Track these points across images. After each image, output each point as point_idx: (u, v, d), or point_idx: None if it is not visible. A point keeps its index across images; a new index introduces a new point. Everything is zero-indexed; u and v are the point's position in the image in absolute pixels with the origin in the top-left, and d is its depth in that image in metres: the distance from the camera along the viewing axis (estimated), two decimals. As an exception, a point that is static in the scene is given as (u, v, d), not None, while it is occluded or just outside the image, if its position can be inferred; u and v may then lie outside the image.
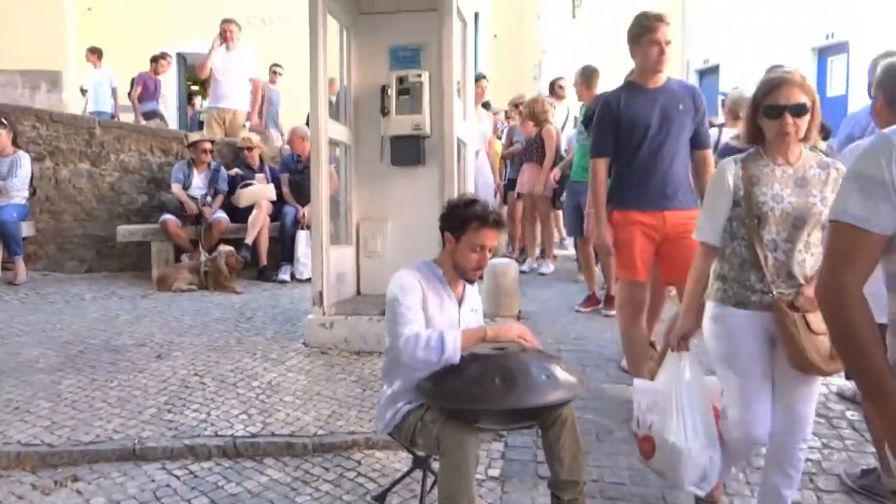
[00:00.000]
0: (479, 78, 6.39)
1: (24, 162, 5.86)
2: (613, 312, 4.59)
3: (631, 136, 3.13)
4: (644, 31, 3.11)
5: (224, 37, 7.10)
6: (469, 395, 2.01)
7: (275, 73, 9.06)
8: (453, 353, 2.09)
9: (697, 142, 3.23)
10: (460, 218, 2.32)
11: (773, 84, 2.15)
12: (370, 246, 4.77)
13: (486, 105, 7.49)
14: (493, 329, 2.31)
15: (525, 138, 6.50)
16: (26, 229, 5.98)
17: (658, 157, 3.11)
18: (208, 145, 6.24)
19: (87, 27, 12.98)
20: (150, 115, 8.73)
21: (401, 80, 4.56)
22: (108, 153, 6.46)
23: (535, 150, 6.26)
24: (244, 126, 7.65)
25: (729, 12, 12.58)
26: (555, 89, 7.06)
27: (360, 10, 4.75)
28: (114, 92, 9.37)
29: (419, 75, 4.53)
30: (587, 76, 5.38)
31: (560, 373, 2.04)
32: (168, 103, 13.48)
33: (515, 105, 7.36)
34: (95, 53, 9.62)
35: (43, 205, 6.30)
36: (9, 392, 3.45)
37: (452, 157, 4.09)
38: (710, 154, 3.30)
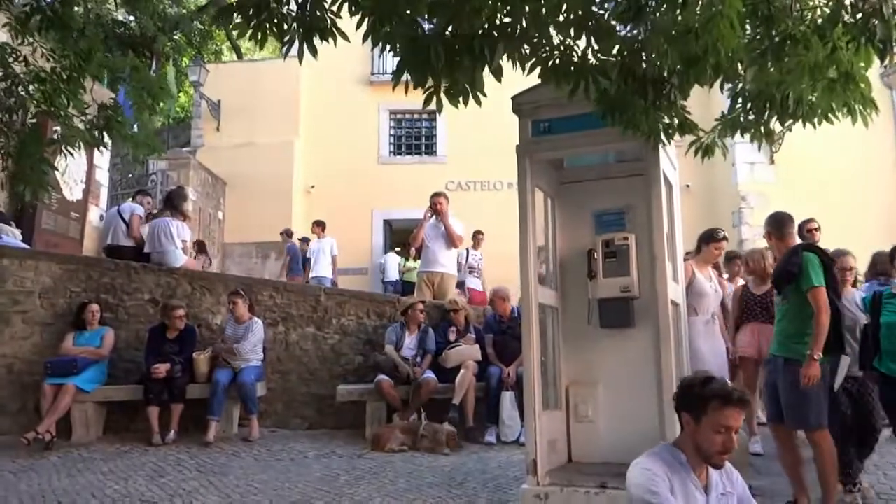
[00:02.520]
0: (713, 238, 5.27)
1: (256, 328, 6.57)
2: None
3: None
4: None
5: (434, 209, 7.71)
6: None
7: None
8: None
9: None
10: (699, 398, 2.20)
11: None
12: (581, 411, 4.64)
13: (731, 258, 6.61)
14: None
15: (742, 294, 5.79)
16: (260, 389, 6.58)
17: None
18: (420, 305, 6.63)
19: (310, 203, 14.88)
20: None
21: (607, 244, 4.61)
22: (331, 318, 7.09)
23: (759, 308, 5.54)
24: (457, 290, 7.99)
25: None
26: (804, 233, 6.03)
27: (563, 181, 4.97)
28: (334, 259, 10.43)
29: (625, 238, 4.55)
30: (778, 224, 4.48)
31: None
32: (373, 265, 14.75)
33: (730, 258, 6.46)
34: (320, 226, 10.88)
35: (274, 366, 6.96)
36: (249, 554, 3.66)
37: (667, 320, 3.97)
38: None
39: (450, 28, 2.77)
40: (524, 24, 2.73)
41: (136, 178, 12.68)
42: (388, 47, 2.75)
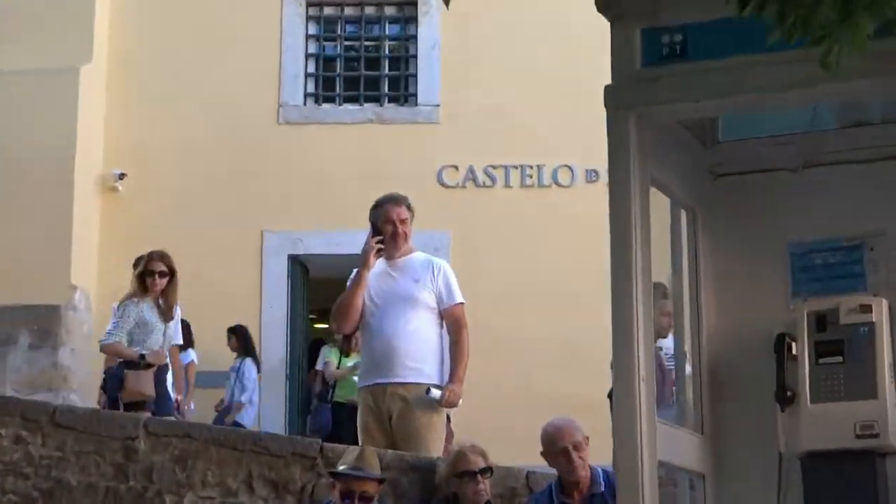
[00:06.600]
0: None
1: None
2: None
3: None
4: None
5: (383, 232, 7.63)
6: None
7: None
8: None
9: None
10: None
11: None
12: None
13: None
14: None
15: None
16: None
17: None
18: (372, 488, 6.58)
19: (119, 213, 14.93)
20: None
21: (821, 321, 4.62)
22: (160, 492, 7.02)
23: None
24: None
25: None
26: None
27: (718, 171, 4.96)
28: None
29: (867, 307, 4.57)
30: None
31: None
32: (271, 363, 14.80)
33: None
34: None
35: None
36: None
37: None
38: None
39: None
40: None
41: None
42: None
